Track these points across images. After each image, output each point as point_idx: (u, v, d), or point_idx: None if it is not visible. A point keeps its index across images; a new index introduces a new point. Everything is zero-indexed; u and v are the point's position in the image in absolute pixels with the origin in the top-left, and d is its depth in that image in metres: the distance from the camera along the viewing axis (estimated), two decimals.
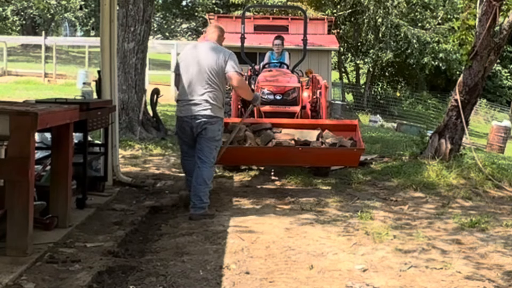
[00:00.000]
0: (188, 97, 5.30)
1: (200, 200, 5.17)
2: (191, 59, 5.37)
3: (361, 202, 6.04)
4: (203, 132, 5.27)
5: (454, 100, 8.27)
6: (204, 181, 5.22)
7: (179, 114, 5.40)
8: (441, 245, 4.60)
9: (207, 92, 5.27)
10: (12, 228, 3.76)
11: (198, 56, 5.35)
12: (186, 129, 5.35)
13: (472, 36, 8.05)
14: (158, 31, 38.74)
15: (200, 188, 5.20)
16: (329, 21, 22.46)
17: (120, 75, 9.52)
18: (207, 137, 5.28)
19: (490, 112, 31.03)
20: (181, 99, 5.39)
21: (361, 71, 29.37)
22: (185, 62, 5.39)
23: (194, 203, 5.17)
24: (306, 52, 8.70)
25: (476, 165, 7.61)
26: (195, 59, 5.34)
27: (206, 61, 5.29)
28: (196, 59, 5.33)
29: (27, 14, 35.18)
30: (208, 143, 5.30)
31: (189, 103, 5.30)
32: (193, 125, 5.28)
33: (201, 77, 5.27)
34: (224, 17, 23.79)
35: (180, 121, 5.41)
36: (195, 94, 5.28)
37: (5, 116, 3.71)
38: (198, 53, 5.38)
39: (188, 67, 5.34)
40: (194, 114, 5.26)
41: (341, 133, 6.70)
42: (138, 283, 3.54)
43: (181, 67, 5.41)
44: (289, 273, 3.83)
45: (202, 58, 5.32)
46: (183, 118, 5.35)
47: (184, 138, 5.47)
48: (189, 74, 5.32)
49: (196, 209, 5.16)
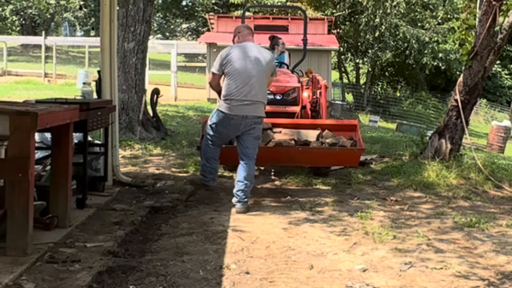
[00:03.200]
0: (243, 97, 5.47)
1: (246, 195, 5.51)
2: (244, 60, 5.52)
3: (361, 202, 6.04)
4: (251, 131, 5.55)
5: (454, 100, 8.28)
6: (251, 177, 5.61)
7: (228, 112, 5.52)
8: (441, 245, 4.60)
9: (262, 93, 5.60)
10: (12, 228, 3.76)
11: (252, 57, 5.54)
12: (231, 127, 5.57)
13: (472, 36, 8.06)
14: (158, 31, 38.76)
15: (247, 184, 5.53)
16: (329, 21, 22.47)
17: (120, 75, 9.52)
18: (254, 136, 5.60)
19: (490, 112, 31.03)
20: (234, 99, 5.49)
21: (361, 71, 29.37)
22: (238, 63, 5.50)
23: (241, 197, 5.48)
24: (306, 52, 8.71)
25: (476, 165, 7.61)
26: (250, 60, 5.52)
27: (261, 63, 5.55)
28: (251, 60, 5.52)
29: (26, 14, 35.18)
30: (254, 142, 5.63)
31: (244, 103, 5.48)
32: (243, 124, 5.51)
33: (258, 79, 5.53)
34: (224, 17, 23.81)
35: (227, 118, 5.54)
36: (250, 95, 5.49)
37: (5, 116, 3.71)
38: (252, 55, 5.57)
39: (243, 68, 5.49)
40: (246, 114, 5.49)
41: (341, 133, 6.70)
42: (138, 283, 3.54)
43: (232, 67, 5.50)
44: (289, 273, 3.84)
45: (257, 60, 5.54)
46: (232, 116, 5.50)
47: (224, 133, 5.67)
48: (245, 74, 5.48)
49: (243, 203, 5.48)
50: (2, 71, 25.27)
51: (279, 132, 6.65)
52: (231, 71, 5.50)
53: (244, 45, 5.70)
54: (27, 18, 36.02)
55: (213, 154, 5.79)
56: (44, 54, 25.81)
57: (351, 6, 24.74)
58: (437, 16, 24.31)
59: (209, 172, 5.82)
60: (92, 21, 38.17)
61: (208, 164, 5.80)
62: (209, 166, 5.80)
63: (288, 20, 22.08)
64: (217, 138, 5.74)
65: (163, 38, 36.80)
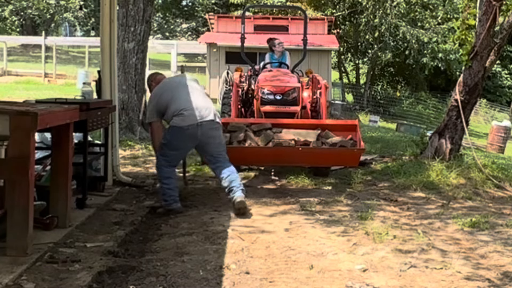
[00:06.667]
0: (193, 106, 5.53)
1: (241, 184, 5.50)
2: (173, 86, 5.79)
3: (361, 202, 6.03)
4: (210, 139, 5.57)
5: (454, 100, 8.28)
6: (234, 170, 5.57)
7: (182, 124, 5.43)
8: (441, 245, 4.60)
9: (208, 101, 5.75)
10: (12, 228, 3.76)
11: (176, 81, 5.93)
12: (187, 138, 5.50)
13: (472, 36, 8.06)
14: (158, 31, 38.74)
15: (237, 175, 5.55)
16: (329, 21, 22.47)
17: (120, 75, 9.52)
18: (216, 142, 5.62)
19: (490, 112, 31.01)
20: (184, 110, 5.47)
21: (361, 71, 29.37)
22: (170, 91, 5.69)
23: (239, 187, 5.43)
24: (306, 52, 8.71)
25: (476, 165, 7.61)
26: (176, 84, 5.82)
27: (184, 79, 5.90)
28: (176, 83, 5.83)
29: (26, 14, 35.17)
30: (219, 147, 5.61)
31: (195, 111, 5.49)
32: (199, 132, 5.49)
33: (195, 90, 5.74)
34: (224, 17, 23.82)
35: (181, 131, 5.45)
36: (199, 103, 5.60)
37: (5, 116, 3.70)
38: (173, 80, 5.99)
39: (176, 89, 5.71)
40: (201, 121, 5.46)
41: (341, 133, 6.70)
42: (138, 283, 3.54)
43: (167, 96, 5.63)
44: (289, 273, 3.83)
45: (180, 81, 5.89)
46: (187, 127, 5.44)
47: (180, 147, 5.61)
48: (183, 91, 5.68)
49: (243, 191, 5.44)
50: (2, 71, 25.27)
51: (279, 132, 6.65)
52: (168, 99, 5.54)
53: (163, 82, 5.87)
54: (27, 18, 36.00)
55: (169, 174, 5.52)
56: (44, 54, 25.82)
57: (351, 6, 24.72)
58: (437, 16, 24.30)
59: (168, 194, 5.45)
60: (92, 21, 38.15)
61: (166, 186, 5.47)
62: (167, 188, 5.46)
63: (288, 20, 22.08)
64: (173, 156, 5.54)
65: (163, 38, 36.77)
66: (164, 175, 5.53)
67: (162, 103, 5.56)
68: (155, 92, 5.72)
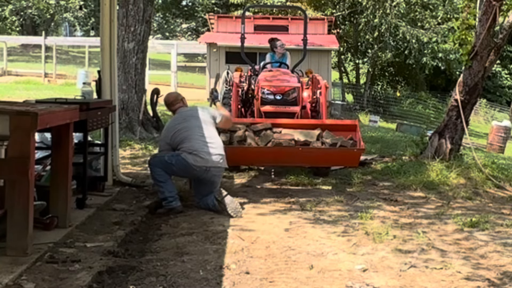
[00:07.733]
0: (207, 150, 5.59)
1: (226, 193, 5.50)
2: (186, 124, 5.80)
3: (361, 202, 6.03)
4: (210, 183, 5.58)
5: (454, 100, 8.28)
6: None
7: (193, 163, 5.46)
8: (441, 245, 4.60)
9: (219, 144, 5.80)
10: (12, 228, 3.75)
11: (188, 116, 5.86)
12: (190, 175, 5.76)
13: (472, 36, 8.06)
14: (158, 31, 38.74)
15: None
16: (329, 21, 22.47)
17: (120, 75, 9.52)
18: (214, 186, 5.58)
19: (490, 112, 31.03)
20: (201, 152, 5.54)
21: (361, 71, 29.37)
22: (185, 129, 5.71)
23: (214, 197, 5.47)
24: (306, 52, 8.70)
25: (476, 165, 7.61)
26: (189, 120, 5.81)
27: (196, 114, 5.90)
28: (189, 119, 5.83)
29: (26, 14, 35.18)
30: (212, 186, 5.57)
31: (208, 156, 5.55)
32: (204, 175, 5.55)
33: (206, 129, 5.77)
34: (224, 17, 23.82)
35: (190, 168, 5.50)
36: (212, 148, 5.62)
37: (5, 116, 3.70)
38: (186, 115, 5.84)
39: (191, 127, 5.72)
40: (210, 166, 5.51)
41: (341, 133, 6.69)
42: (138, 283, 3.54)
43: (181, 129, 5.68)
44: (289, 273, 3.83)
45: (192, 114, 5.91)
46: (196, 167, 5.49)
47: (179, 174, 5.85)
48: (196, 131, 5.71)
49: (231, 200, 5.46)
50: (2, 71, 25.28)
51: (279, 132, 6.65)
52: (183, 137, 5.56)
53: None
54: (27, 18, 36.01)
55: (163, 178, 5.48)
56: (44, 54, 25.82)
57: (351, 6, 24.72)
58: (437, 16, 24.29)
59: (168, 190, 5.42)
60: (92, 21, 38.16)
61: (161, 184, 5.45)
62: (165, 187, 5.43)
63: (288, 20, 22.08)
64: (172, 172, 5.56)
65: (163, 38, 36.76)
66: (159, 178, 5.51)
67: (175, 141, 5.61)
68: (168, 127, 5.78)
